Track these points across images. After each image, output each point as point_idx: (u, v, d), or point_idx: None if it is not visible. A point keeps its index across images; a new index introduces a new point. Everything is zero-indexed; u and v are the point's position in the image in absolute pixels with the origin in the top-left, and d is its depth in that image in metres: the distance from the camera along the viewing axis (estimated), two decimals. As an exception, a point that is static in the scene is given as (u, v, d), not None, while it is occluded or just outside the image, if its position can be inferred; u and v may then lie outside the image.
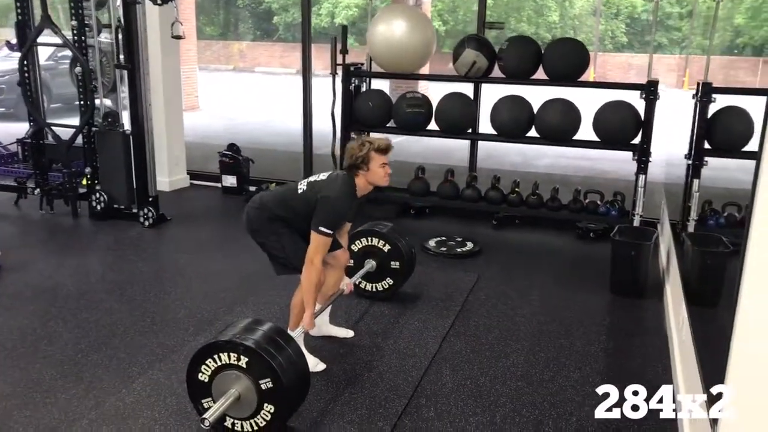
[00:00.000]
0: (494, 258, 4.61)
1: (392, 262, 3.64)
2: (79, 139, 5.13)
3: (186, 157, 6.44)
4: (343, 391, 2.85)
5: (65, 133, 5.22)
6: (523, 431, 2.60)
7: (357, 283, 3.63)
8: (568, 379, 2.99)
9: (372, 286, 3.72)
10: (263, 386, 2.36)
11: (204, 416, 2.32)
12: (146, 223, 5.01)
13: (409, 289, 3.84)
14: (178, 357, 3.10)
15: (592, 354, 3.24)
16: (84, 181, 5.26)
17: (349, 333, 3.36)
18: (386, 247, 3.63)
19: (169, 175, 6.09)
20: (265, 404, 2.39)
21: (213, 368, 2.42)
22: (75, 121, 5.43)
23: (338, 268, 3.21)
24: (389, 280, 3.68)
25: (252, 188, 6.03)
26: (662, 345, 3.34)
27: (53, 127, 5.25)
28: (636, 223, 4.60)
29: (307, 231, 2.86)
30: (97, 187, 5.14)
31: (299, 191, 2.95)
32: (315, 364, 3.01)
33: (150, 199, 5.05)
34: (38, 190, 5.30)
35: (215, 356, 2.41)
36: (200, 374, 2.45)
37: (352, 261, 3.62)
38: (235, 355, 2.38)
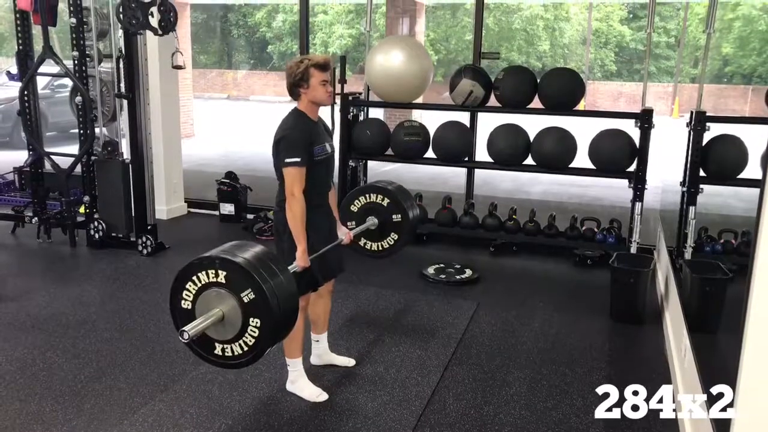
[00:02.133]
0: (493, 285, 4.62)
1: (394, 216, 3.45)
2: (78, 168, 5.14)
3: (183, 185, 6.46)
4: (346, 421, 2.84)
5: (62, 162, 5.23)
6: (529, 460, 2.59)
7: (363, 244, 3.51)
8: (571, 407, 2.99)
9: (377, 245, 3.53)
10: (245, 299, 2.27)
11: (183, 329, 2.22)
12: (145, 252, 5.00)
13: (410, 317, 3.84)
14: (180, 387, 3.08)
15: (595, 381, 3.23)
16: (82, 210, 5.26)
17: (350, 362, 3.35)
18: (386, 202, 3.45)
19: (166, 203, 6.09)
20: (251, 319, 2.29)
21: (194, 291, 2.33)
22: (69, 149, 5.45)
23: (325, 294, 3.19)
24: (393, 236, 3.49)
25: (250, 216, 6.05)
26: (664, 372, 3.35)
27: (52, 156, 5.25)
28: (633, 250, 4.64)
29: (317, 197, 2.90)
30: (96, 216, 5.13)
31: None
32: (317, 395, 3.00)
33: (149, 227, 5.04)
34: (36, 218, 5.28)
35: (194, 278, 2.33)
36: (183, 302, 2.36)
37: (354, 222, 3.48)
38: (213, 271, 2.30)
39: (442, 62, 22.29)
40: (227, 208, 6.14)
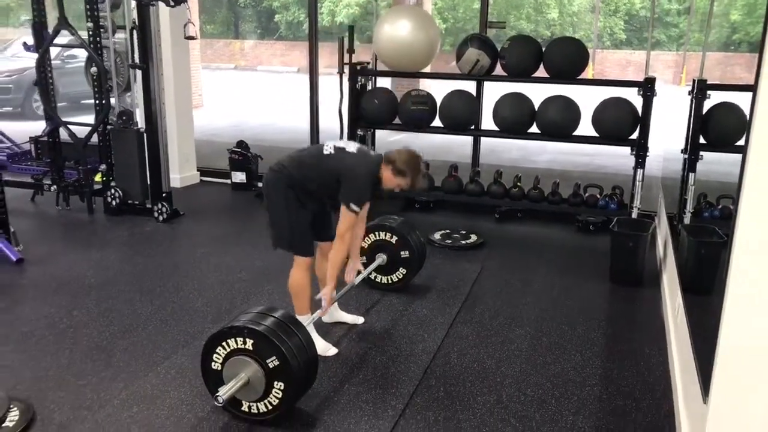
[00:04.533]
0: (497, 250, 4.77)
1: (401, 252, 3.79)
2: (94, 137, 5.29)
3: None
4: (356, 373, 3.02)
5: (77, 132, 5.38)
6: (528, 409, 2.76)
7: (374, 278, 3.83)
8: (569, 362, 3.16)
9: (387, 279, 3.88)
10: (270, 365, 2.48)
11: (218, 394, 2.45)
12: (160, 218, 5.17)
13: (417, 280, 4.00)
14: (200, 343, 3.20)
15: (593, 339, 3.41)
16: (98, 178, 5.42)
17: (359, 319, 3.53)
18: (394, 239, 3.78)
19: (179, 171, 6.25)
20: (275, 382, 2.50)
21: (224, 355, 2.56)
22: (80, 119, 5.59)
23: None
24: (402, 270, 3.84)
25: (260, 184, 6.18)
26: (659, 330, 3.51)
27: (69, 126, 5.40)
28: (634, 215, 4.77)
29: (316, 193, 3.04)
30: (112, 184, 5.30)
31: (325, 152, 3.02)
32: (327, 349, 3.16)
33: (164, 194, 5.21)
34: (54, 186, 5.45)
35: (223, 343, 2.55)
36: (213, 363, 2.60)
37: (364, 258, 3.77)
38: (241, 339, 2.52)
39: (449, 31, 22.17)
40: (239, 177, 6.29)
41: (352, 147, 3.08)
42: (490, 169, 5.70)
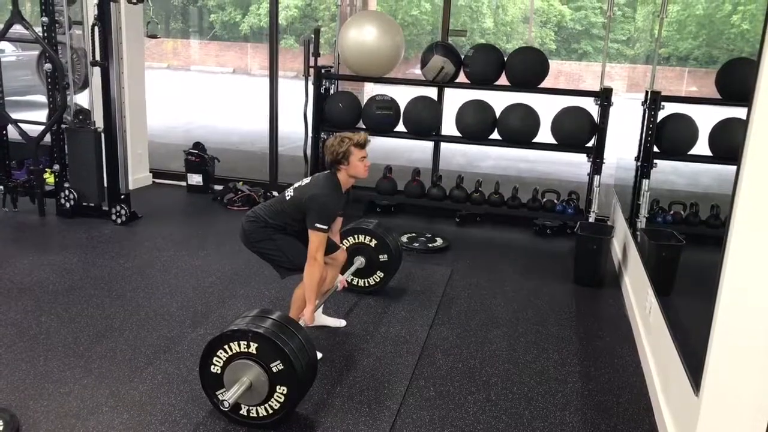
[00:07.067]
0: (463, 253, 4.88)
1: (380, 256, 3.84)
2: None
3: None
4: (346, 375, 3.04)
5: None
6: (517, 406, 2.86)
7: (349, 280, 3.83)
8: (549, 360, 3.28)
9: (364, 282, 3.91)
10: (274, 369, 2.48)
11: (223, 398, 2.44)
12: (119, 221, 5.02)
13: (392, 282, 4.05)
14: (182, 348, 3.20)
15: (567, 338, 3.55)
16: (50, 179, 5.21)
17: (341, 322, 3.55)
18: (373, 242, 3.83)
19: (132, 173, 6.06)
20: (278, 387, 2.51)
21: (225, 359, 2.53)
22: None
23: (336, 267, 3.41)
24: (379, 273, 3.88)
25: (218, 187, 6.10)
26: (626, 328, 3.70)
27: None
28: (591, 220, 4.98)
29: (301, 232, 3.09)
30: (66, 185, 5.10)
31: (287, 198, 3.15)
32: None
33: (122, 196, 5.05)
34: (1, 187, 5.20)
35: (225, 347, 2.52)
36: (213, 367, 2.56)
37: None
38: (245, 342, 2.50)
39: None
40: (195, 179, 6.17)
41: (305, 180, 3.24)
42: (444, 174, 5.82)
